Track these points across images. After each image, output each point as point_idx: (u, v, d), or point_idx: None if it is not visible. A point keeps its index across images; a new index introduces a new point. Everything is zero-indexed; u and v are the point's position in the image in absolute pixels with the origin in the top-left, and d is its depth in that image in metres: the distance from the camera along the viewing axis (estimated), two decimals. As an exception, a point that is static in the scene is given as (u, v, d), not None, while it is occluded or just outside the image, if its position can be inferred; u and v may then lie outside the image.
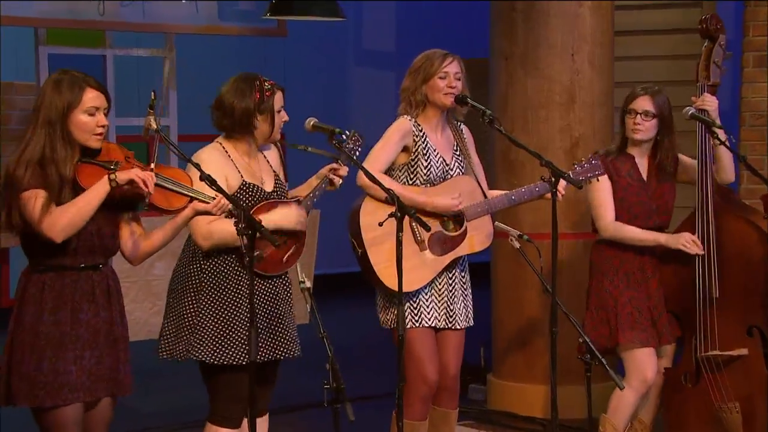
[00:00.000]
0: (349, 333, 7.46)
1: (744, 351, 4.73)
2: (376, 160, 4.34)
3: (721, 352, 4.73)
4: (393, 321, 4.44)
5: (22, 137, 3.54)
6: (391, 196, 3.86)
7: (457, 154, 4.56)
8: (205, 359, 3.97)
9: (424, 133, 4.48)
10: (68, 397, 3.53)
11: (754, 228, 4.74)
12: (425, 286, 4.45)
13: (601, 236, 4.75)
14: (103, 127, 3.55)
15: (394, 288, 4.23)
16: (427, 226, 3.93)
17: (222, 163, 4.01)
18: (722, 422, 4.78)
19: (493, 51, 6.03)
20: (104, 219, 3.59)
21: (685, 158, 4.85)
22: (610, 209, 4.71)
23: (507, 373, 6.02)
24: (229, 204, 3.64)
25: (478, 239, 4.51)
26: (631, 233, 4.69)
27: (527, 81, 5.87)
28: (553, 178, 4.16)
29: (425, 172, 4.46)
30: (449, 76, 4.43)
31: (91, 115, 3.53)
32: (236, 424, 4.04)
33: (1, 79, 7.50)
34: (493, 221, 4.56)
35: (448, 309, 4.50)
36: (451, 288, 4.51)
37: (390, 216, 3.86)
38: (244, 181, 4.05)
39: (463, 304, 4.55)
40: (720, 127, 4.67)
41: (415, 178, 4.47)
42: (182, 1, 7.42)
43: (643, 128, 4.69)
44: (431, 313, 4.47)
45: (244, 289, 4.01)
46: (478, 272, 5.19)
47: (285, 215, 4.01)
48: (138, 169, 3.55)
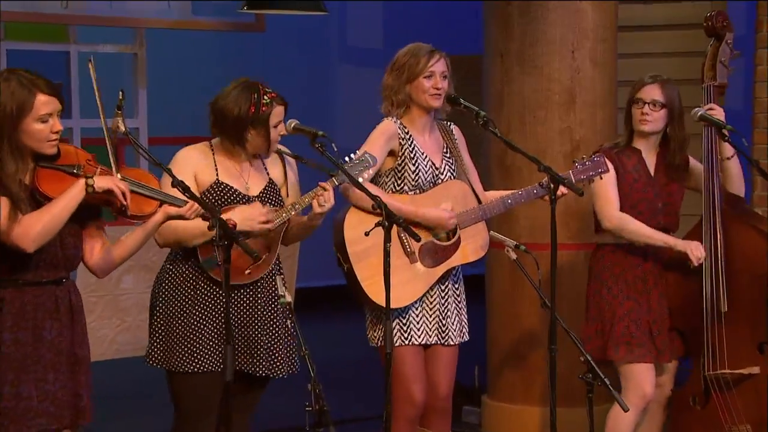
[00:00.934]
0: (334, 351, 7.45)
1: (755, 369, 4.74)
2: None
3: (731, 371, 4.74)
4: (381, 338, 4.44)
5: None
6: (378, 203, 3.87)
7: (447, 156, 4.56)
8: (152, 363, 4.09)
9: (410, 135, 4.49)
10: (31, 424, 3.50)
11: (765, 238, 4.76)
12: (416, 301, 4.45)
13: (604, 227, 4.74)
14: (57, 132, 3.51)
15: (382, 304, 4.24)
16: (416, 236, 3.94)
17: (195, 161, 4.07)
18: (733, 446, 4.80)
19: (488, 47, 6.04)
20: (67, 228, 3.58)
21: (694, 162, 4.87)
22: (615, 200, 4.71)
23: (503, 394, 6.03)
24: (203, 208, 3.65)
25: (471, 248, 4.52)
26: (638, 228, 4.68)
27: (524, 80, 5.88)
28: (552, 185, 4.17)
29: (413, 177, 4.47)
30: (435, 76, 4.44)
31: (44, 122, 3.47)
32: None
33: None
34: (488, 230, 4.56)
35: (441, 323, 4.50)
36: (444, 301, 4.52)
37: (377, 225, 3.86)
38: (217, 180, 4.09)
39: (457, 318, 4.55)
40: (732, 129, 4.69)
41: (402, 184, 4.48)
42: (153, -7, 7.42)
43: (651, 119, 4.70)
44: (422, 328, 4.47)
45: (201, 298, 4.06)
46: (472, 285, 5.19)
47: (235, 213, 4.02)
48: (116, 179, 3.54)
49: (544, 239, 4.48)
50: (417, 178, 4.46)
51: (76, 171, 3.53)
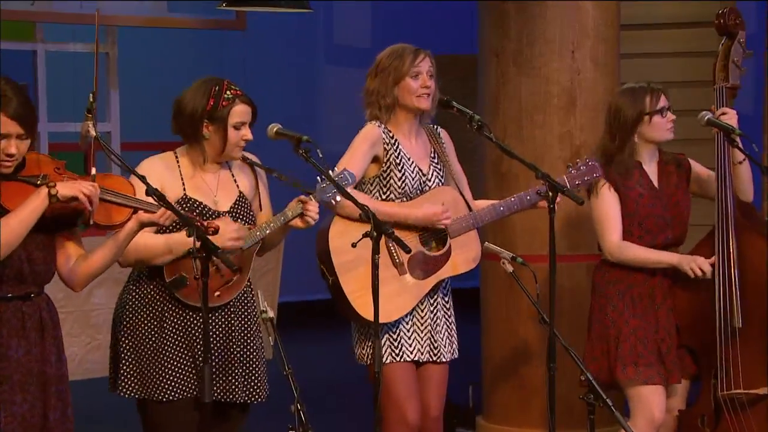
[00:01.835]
0: (319, 370, 7.45)
1: (771, 389, 4.76)
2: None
3: (746, 391, 4.74)
4: (369, 356, 4.45)
5: None
6: (366, 213, 3.87)
7: (435, 162, 4.58)
8: (124, 393, 4.07)
9: (396, 140, 4.50)
10: None
11: (780, 249, 4.77)
12: (406, 315, 4.46)
13: (604, 257, 4.78)
14: (10, 156, 3.48)
15: (371, 318, 4.25)
16: (406, 247, 3.94)
17: (161, 174, 4.05)
18: (745, 470, 4.80)
19: (482, 47, 6.06)
20: (35, 242, 3.58)
21: (699, 167, 4.88)
22: (616, 226, 4.72)
23: (499, 416, 6.03)
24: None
25: (463, 259, 4.53)
26: (641, 255, 4.71)
27: (521, 81, 5.89)
28: (551, 193, 4.18)
29: (400, 184, 4.48)
30: (422, 75, 4.46)
31: None
32: None
33: None
34: (482, 241, 4.57)
35: (432, 339, 4.51)
36: (434, 315, 4.53)
37: (364, 236, 3.87)
38: (185, 195, 4.09)
39: (447, 334, 4.57)
40: (741, 134, 4.70)
41: (388, 192, 4.49)
42: (126, -11, 7.43)
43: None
44: (413, 345, 4.48)
45: (169, 321, 4.05)
46: (467, 299, 5.21)
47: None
48: (82, 183, 3.54)
49: (542, 250, 4.49)
50: (403, 185, 4.48)
51: (40, 181, 3.53)
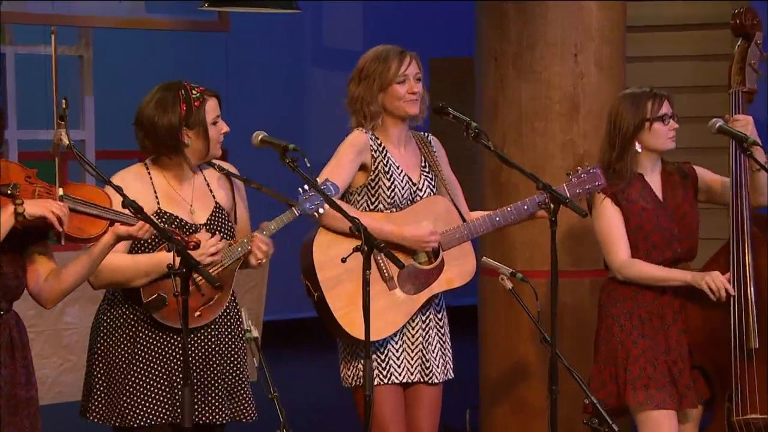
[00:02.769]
0: (306, 392, 7.44)
1: (790, 415, 4.76)
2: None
3: (762, 416, 4.75)
4: (357, 377, 4.45)
5: None
6: (356, 227, 3.88)
7: (426, 170, 4.60)
8: (92, 418, 4.08)
9: (384, 148, 4.51)
10: None
11: (800, 264, 4.77)
12: (395, 333, 4.47)
13: (611, 275, 4.78)
14: None
15: (361, 337, 4.24)
16: (399, 263, 3.96)
17: (132, 188, 4.03)
18: (760, 500, 4.81)
19: (480, 49, 6.07)
20: (5, 255, 3.58)
21: (707, 174, 4.88)
22: (623, 244, 4.73)
23: (498, 441, 6.03)
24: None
25: (457, 273, 4.54)
26: (652, 272, 4.71)
27: (521, 86, 5.91)
28: (553, 204, 4.20)
29: (389, 194, 4.49)
30: (409, 80, 4.48)
31: None
32: None
33: None
34: (479, 255, 4.59)
35: (423, 359, 4.52)
36: (426, 333, 4.54)
37: (355, 250, 3.88)
38: (159, 209, 4.10)
39: (441, 353, 4.57)
40: (755, 143, 4.71)
41: (377, 202, 4.50)
42: (101, -12, 7.44)
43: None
44: (402, 365, 4.49)
45: (144, 344, 4.06)
46: (463, 317, 5.21)
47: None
48: (51, 203, 3.54)
49: (543, 266, 4.51)
50: (393, 195, 4.49)
51: (10, 191, 3.53)
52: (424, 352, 4.52)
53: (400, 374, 4.47)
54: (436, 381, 4.55)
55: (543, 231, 4.35)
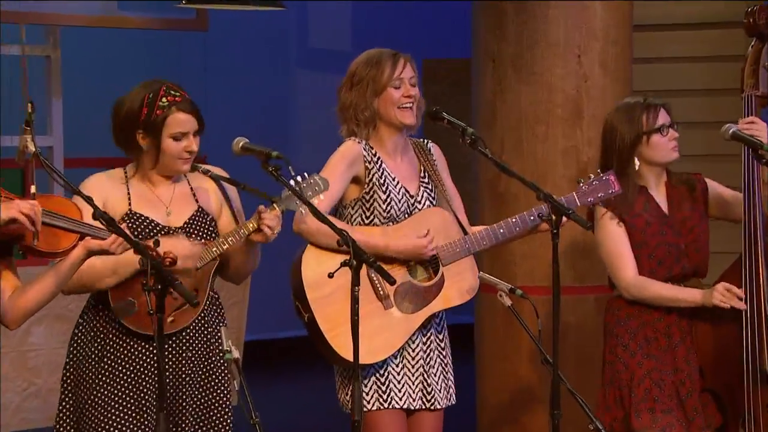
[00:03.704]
0: (291, 417, 7.44)
1: (805, 441, 4.76)
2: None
3: (777, 442, 4.76)
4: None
5: None
6: (345, 239, 3.88)
7: (425, 181, 4.60)
8: None
9: (378, 158, 4.52)
10: None
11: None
12: (396, 355, 4.47)
13: (622, 295, 4.78)
14: None
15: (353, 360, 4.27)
16: (391, 279, 3.96)
17: (103, 189, 4.09)
18: None
19: (477, 50, 6.08)
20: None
21: (719, 187, 4.90)
22: (629, 261, 4.73)
23: (496, 470, 6.04)
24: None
25: (457, 290, 4.54)
26: (662, 292, 4.72)
27: (521, 89, 5.92)
28: (555, 216, 4.21)
29: (384, 207, 4.50)
30: (405, 84, 4.49)
31: None
32: None
33: None
34: (478, 270, 4.59)
35: (425, 383, 4.52)
36: (427, 356, 4.54)
37: (343, 265, 3.88)
38: (130, 210, 4.11)
39: (443, 377, 4.58)
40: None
41: (372, 216, 4.51)
42: (71, -17, 7.44)
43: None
44: (404, 389, 4.49)
45: (112, 353, 4.06)
46: (459, 336, 5.20)
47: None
48: (19, 203, 3.54)
49: (544, 281, 4.52)
50: (389, 208, 4.50)
51: None
52: (426, 376, 4.52)
53: (401, 399, 4.47)
54: (439, 407, 4.54)
55: (544, 244, 4.35)
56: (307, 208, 4.02)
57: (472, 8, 6.12)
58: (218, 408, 4.19)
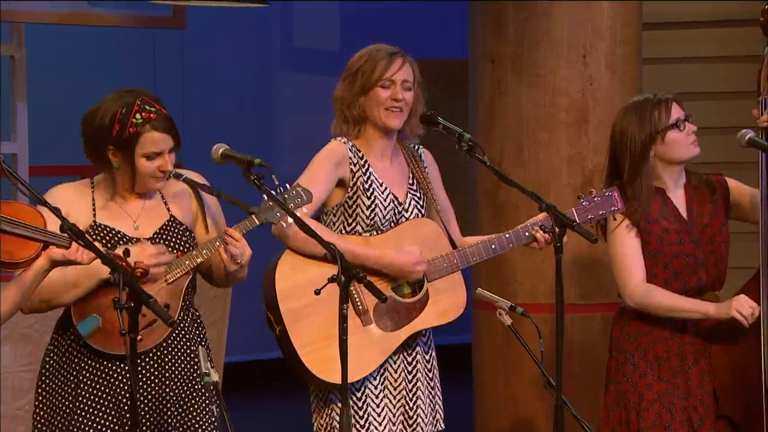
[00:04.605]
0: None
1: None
2: None
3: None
4: (331, 427, 4.44)
5: None
6: (332, 253, 3.87)
7: (414, 188, 4.60)
8: None
9: (365, 161, 4.52)
10: None
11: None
12: (374, 374, 4.45)
13: (627, 305, 4.78)
14: None
15: (329, 379, 4.25)
16: (382, 296, 3.94)
17: (68, 200, 4.07)
18: None
19: (475, 50, 6.09)
20: None
21: (741, 187, 4.86)
22: (638, 266, 4.73)
23: (496, 503, 6.03)
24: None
25: (443, 307, 4.53)
26: (670, 302, 4.71)
27: (521, 92, 5.92)
28: (558, 228, 4.20)
29: (368, 214, 4.49)
30: (395, 86, 4.49)
31: None
32: None
33: None
34: (474, 285, 4.58)
35: (407, 407, 4.51)
36: (412, 377, 4.53)
37: (330, 281, 3.87)
38: (94, 221, 4.10)
39: (429, 400, 4.56)
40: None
41: (354, 224, 4.50)
42: (37, -22, 7.43)
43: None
44: (383, 415, 4.48)
45: (85, 380, 4.05)
46: (456, 357, 5.20)
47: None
48: None
49: (547, 298, 4.51)
50: (372, 215, 4.49)
51: None
52: (408, 399, 4.51)
53: (381, 424, 4.46)
54: (423, 433, 4.54)
55: (547, 258, 4.36)
56: (291, 220, 4.02)
57: (470, 5, 6.13)
58: (207, 423, 4.18)
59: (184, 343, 4.19)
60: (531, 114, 5.91)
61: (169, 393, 4.14)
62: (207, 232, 4.26)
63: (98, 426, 4.07)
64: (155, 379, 4.14)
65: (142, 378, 4.12)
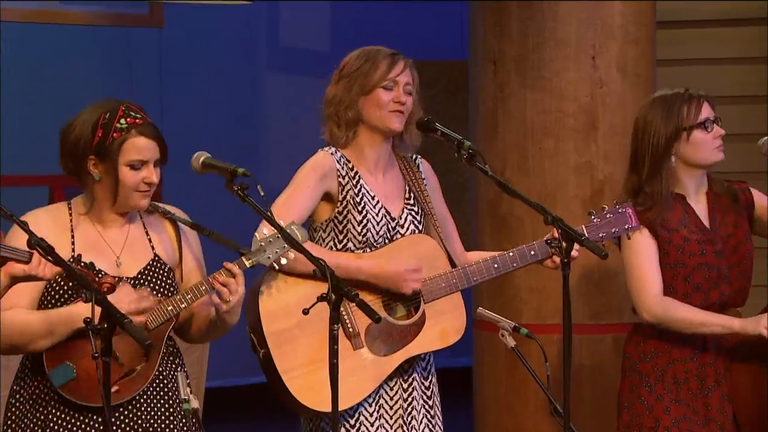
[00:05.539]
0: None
1: None
2: (284, 215, 4.27)
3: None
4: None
5: None
6: (322, 270, 3.87)
7: (410, 203, 4.59)
8: None
9: (355, 173, 4.51)
10: None
11: None
12: (369, 401, 4.45)
13: (642, 319, 4.77)
14: None
15: (315, 407, 4.24)
16: (375, 315, 3.93)
17: (44, 228, 4.00)
18: None
19: (475, 51, 6.09)
20: None
21: (762, 198, 4.87)
22: (655, 277, 4.72)
23: None
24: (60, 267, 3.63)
25: (440, 330, 4.52)
26: (690, 316, 4.70)
27: (526, 96, 5.93)
28: (565, 243, 4.19)
29: (360, 230, 4.49)
30: (398, 87, 4.49)
31: None
32: None
33: None
34: (476, 305, 4.57)
35: (404, 435, 4.51)
36: (408, 405, 4.52)
37: (320, 299, 3.87)
38: (73, 256, 4.04)
39: (428, 428, 4.56)
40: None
41: (345, 240, 4.50)
42: (6, -27, 7.43)
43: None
44: (379, 441, 4.48)
45: (53, 429, 4.01)
46: (456, 381, 5.19)
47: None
48: None
49: (554, 319, 4.50)
50: (365, 231, 4.49)
51: None
52: (406, 426, 4.51)
53: (376, 452, 4.47)
54: (421, 462, 4.55)
55: (554, 276, 4.34)
56: (291, 253, 4.02)
57: (470, 3, 6.13)
58: None
59: (162, 396, 4.14)
60: (536, 119, 5.92)
61: None
62: (182, 280, 4.20)
63: None
64: (129, 429, 4.09)
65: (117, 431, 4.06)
